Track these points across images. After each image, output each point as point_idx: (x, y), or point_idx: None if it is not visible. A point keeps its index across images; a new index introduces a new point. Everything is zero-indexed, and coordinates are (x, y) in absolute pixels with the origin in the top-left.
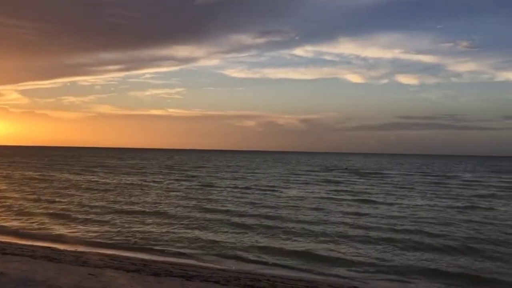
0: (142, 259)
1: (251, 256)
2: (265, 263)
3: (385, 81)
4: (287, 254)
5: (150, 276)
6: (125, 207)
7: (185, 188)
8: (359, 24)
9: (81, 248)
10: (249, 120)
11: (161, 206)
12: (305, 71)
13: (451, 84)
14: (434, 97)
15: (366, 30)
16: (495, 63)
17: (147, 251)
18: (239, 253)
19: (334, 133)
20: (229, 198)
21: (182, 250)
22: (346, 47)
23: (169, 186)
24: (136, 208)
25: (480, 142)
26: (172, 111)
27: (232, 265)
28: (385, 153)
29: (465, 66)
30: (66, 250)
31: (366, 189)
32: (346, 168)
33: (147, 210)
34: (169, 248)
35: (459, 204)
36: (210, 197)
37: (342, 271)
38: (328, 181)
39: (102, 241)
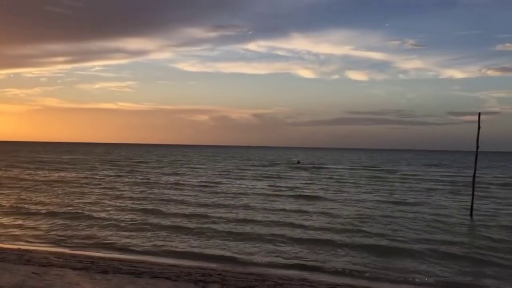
0: (89, 257)
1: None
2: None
3: (336, 76)
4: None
5: (98, 274)
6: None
7: (117, 184)
8: (312, 20)
9: (24, 246)
10: (202, 115)
11: (81, 206)
12: (258, 66)
13: (398, 81)
14: (383, 93)
15: (318, 26)
16: (439, 61)
17: (94, 249)
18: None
19: (286, 127)
20: (163, 194)
21: (131, 248)
22: (299, 43)
23: (99, 182)
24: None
25: (425, 136)
26: (122, 104)
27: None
28: (336, 147)
29: (411, 64)
30: (9, 249)
31: (306, 183)
32: (298, 162)
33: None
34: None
35: (391, 199)
36: (142, 194)
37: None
38: (269, 176)
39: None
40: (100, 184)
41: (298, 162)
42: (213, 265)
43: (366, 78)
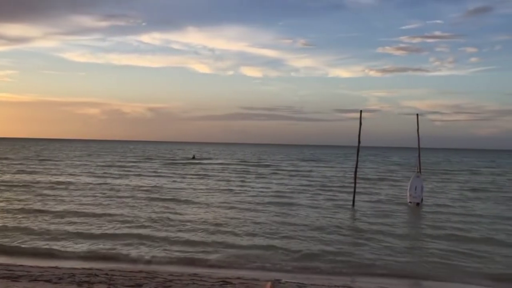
0: None
1: None
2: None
3: (231, 72)
4: None
5: None
6: None
7: None
8: (207, 15)
9: None
10: (92, 108)
11: None
12: (153, 58)
13: (290, 78)
14: (275, 90)
15: (214, 21)
16: (327, 61)
17: None
18: None
19: (182, 122)
20: None
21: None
22: (194, 37)
23: None
24: None
25: (315, 132)
26: (0, 95)
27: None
28: (232, 142)
29: (302, 62)
30: None
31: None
32: (193, 157)
33: None
34: None
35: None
36: None
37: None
38: (137, 173)
39: None
40: None
41: (194, 157)
42: (99, 265)
43: (260, 74)
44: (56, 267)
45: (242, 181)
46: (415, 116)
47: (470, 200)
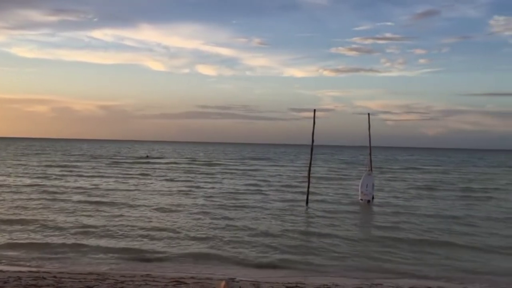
0: None
1: None
2: None
3: (186, 70)
4: None
5: None
6: None
7: None
8: (162, 12)
9: None
10: (40, 105)
11: None
12: (105, 55)
13: (245, 77)
14: (231, 88)
15: (169, 19)
16: (282, 60)
17: None
18: None
19: (136, 120)
20: None
21: None
22: (148, 34)
23: None
24: None
25: (270, 131)
26: None
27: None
28: (186, 141)
29: (258, 61)
30: None
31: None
32: (147, 156)
33: None
34: None
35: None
36: None
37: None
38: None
39: None
40: None
41: (147, 157)
42: (47, 268)
43: (215, 73)
44: (1, 271)
45: (189, 181)
46: (367, 116)
47: (416, 198)
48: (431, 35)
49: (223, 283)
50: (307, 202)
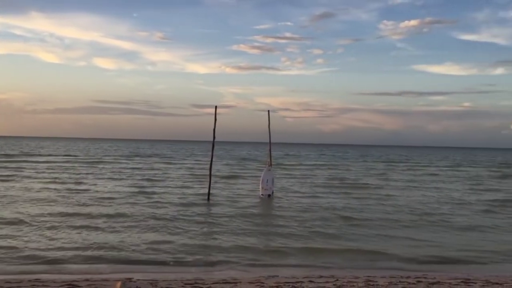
0: None
1: None
2: None
3: (83, 63)
4: None
5: None
6: None
7: None
8: (55, 1)
9: None
10: None
11: None
12: None
13: (146, 72)
14: (131, 83)
15: (63, 8)
16: (185, 56)
17: None
18: None
19: (26, 115)
20: None
21: None
22: (40, 24)
23: None
24: None
25: (172, 127)
26: None
27: None
28: (83, 137)
29: (159, 56)
30: None
31: None
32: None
33: None
34: None
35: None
36: None
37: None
38: None
39: None
40: None
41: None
42: None
43: (114, 66)
44: None
45: (64, 182)
46: (267, 113)
47: (312, 192)
48: (328, 36)
49: (119, 283)
50: (208, 198)
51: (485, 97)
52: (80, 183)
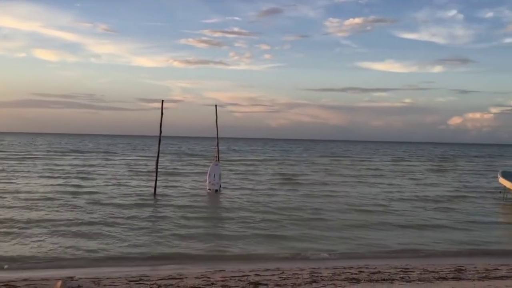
0: None
1: None
2: None
3: (21, 54)
4: None
5: None
6: None
7: None
8: None
9: None
10: None
11: None
12: None
13: (90, 64)
14: (74, 76)
15: None
16: (131, 49)
17: None
18: None
19: None
20: None
21: None
22: None
23: None
24: None
25: (118, 122)
26: None
27: None
28: (20, 131)
29: (104, 48)
30: None
31: None
32: None
33: None
34: None
35: None
36: None
37: None
38: None
39: None
40: None
41: None
42: None
43: (56, 58)
44: None
45: None
46: (215, 107)
47: (256, 189)
48: (275, 32)
49: (59, 282)
50: (154, 193)
51: (424, 93)
52: None
